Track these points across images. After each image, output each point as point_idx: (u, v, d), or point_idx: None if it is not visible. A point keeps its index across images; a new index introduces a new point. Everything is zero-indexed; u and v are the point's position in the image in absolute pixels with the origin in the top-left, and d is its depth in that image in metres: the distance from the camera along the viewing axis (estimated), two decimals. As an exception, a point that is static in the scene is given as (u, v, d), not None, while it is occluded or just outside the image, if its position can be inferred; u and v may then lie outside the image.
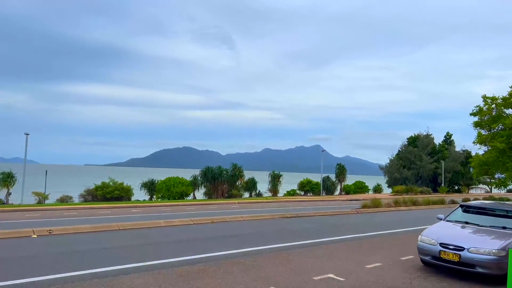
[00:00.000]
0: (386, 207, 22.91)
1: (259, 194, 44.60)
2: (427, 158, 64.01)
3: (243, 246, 10.53)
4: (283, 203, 29.23)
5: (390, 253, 10.46)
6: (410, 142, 68.53)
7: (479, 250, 8.15)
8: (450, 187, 62.65)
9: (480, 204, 10.53)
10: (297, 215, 17.62)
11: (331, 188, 47.84)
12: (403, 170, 64.63)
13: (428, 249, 8.84)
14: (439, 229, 9.56)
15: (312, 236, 12.50)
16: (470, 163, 14.30)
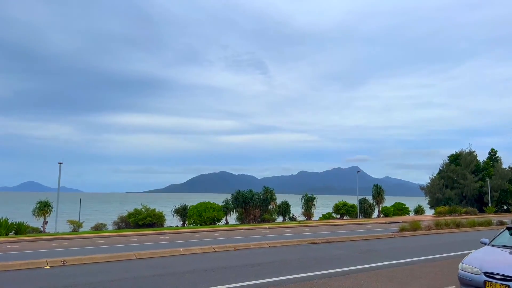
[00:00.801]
0: (426, 229, 21.26)
1: (293, 218, 43.29)
2: (471, 177, 60.39)
3: (263, 277, 9.74)
4: (316, 227, 27.99)
5: (427, 283, 9.33)
6: (452, 160, 65.11)
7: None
8: (498, 207, 58.52)
9: (526, 225, 9.25)
10: (327, 241, 16.55)
11: (369, 211, 45.70)
12: (445, 190, 61.21)
13: (471, 279, 7.72)
14: (483, 255, 8.40)
15: (341, 264, 11.49)
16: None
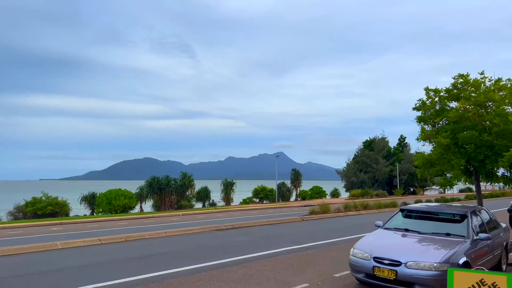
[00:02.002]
0: (335, 212, 21.58)
1: (213, 204, 42.51)
2: (383, 161, 64.35)
3: (145, 271, 8.55)
4: (231, 212, 27.34)
5: (323, 269, 8.85)
6: (366, 146, 68.78)
7: (418, 265, 6.64)
8: (406, 189, 63.17)
9: (422, 207, 9.15)
10: (233, 227, 15.80)
11: (286, 194, 46.49)
12: (359, 174, 64.57)
13: (361, 265, 7.26)
14: (375, 239, 8.03)
15: (240, 252, 10.72)
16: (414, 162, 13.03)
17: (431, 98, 12.33)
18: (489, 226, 8.67)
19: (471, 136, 10.65)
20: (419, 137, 12.22)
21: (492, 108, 11.28)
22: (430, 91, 12.28)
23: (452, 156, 11.24)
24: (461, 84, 11.72)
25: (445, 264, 6.51)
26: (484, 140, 10.65)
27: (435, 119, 11.86)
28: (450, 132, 11.15)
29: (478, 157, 10.86)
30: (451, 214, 8.35)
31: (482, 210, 9.04)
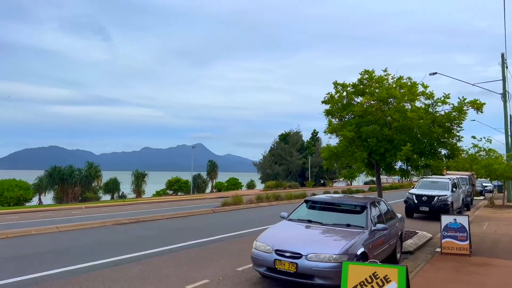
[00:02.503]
0: (248, 203, 21.57)
1: (123, 196, 40.31)
2: (297, 154, 66.78)
3: (23, 273, 7.43)
4: (140, 205, 26.00)
5: (227, 263, 8.48)
6: (282, 139, 70.80)
7: (318, 257, 6.53)
8: (317, 181, 66.36)
9: (326, 199, 9.21)
10: (137, 220, 14.84)
11: (202, 186, 45.90)
12: (274, 166, 66.29)
13: (263, 258, 6.98)
14: (278, 231, 7.84)
15: (141, 248, 9.93)
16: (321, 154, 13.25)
17: (339, 92, 12.59)
18: (387, 216, 9.01)
19: (374, 130, 11.04)
20: (326, 130, 12.43)
21: (393, 104, 11.84)
22: (338, 85, 12.52)
23: (356, 149, 11.59)
24: (366, 80, 12.13)
25: (344, 256, 6.50)
26: (385, 135, 11.11)
27: (342, 113, 12.12)
28: (355, 126, 11.46)
29: (379, 150, 11.33)
30: (352, 205, 8.48)
31: (381, 202, 9.38)
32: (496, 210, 22.24)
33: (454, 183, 19.67)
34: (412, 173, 12.17)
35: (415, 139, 11.01)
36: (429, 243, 11.63)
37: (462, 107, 10.78)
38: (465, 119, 10.88)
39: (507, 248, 10.60)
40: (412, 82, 11.72)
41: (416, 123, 10.80)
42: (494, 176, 25.81)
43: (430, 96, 11.32)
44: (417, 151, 10.97)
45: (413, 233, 12.58)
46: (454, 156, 11.57)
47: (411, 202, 18.13)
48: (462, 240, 9.59)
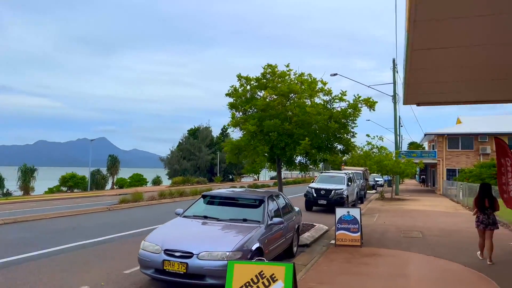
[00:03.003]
0: (149, 200, 20.48)
1: (8, 193, 35.89)
2: (206, 150, 66.15)
3: None
4: (26, 203, 23.22)
5: (114, 266, 7.66)
6: (191, 134, 69.57)
7: (211, 255, 6.13)
8: (225, 177, 66.52)
9: (223, 193, 8.86)
10: (15, 220, 13.01)
11: (101, 183, 42.88)
12: (183, 162, 64.89)
13: (150, 260, 6.36)
14: (170, 229, 7.28)
15: (10, 253, 8.57)
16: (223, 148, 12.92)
17: (243, 86, 12.38)
18: (284, 210, 8.97)
19: (275, 124, 11.02)
20: (230, 124, 12.14)
21: (294, 99, 11.97)
22: (242, 78, 12.30)
23: (258, 143, 11.48)
24: (269, 74, 12.08)
25: (238, 252, 6.19)
26: (285, 129, 11.16)
27: (245, 107, 11.91)
28: (257, 120, 11.33)
29: (280, 144, 11.36)
30: (249, 199, 8.26)
31: (279, 195, 9.33)
32: (386, 203, 24.20)
33: (350, 178, 20.87)
34: (311, 167, 12.46)
35: (314, 134, 11.23)
36: (326, 235, 11.99)
37: (357, 104, 11.26)
38: (359, 116, 11.39)
39: (393, 238, 11.34)
40: (312, 79, 11.94)
41: (314, 118, 11.01)
42: (385, 171, 28.13)
43: (328, 92, 11.64)
44: (315, 145, 11.20)
45: (311, 225, 12.90)
46: (349, 151, 12.08)
47: (310, 196, 18.78)
48: (354, 232, 9.98)
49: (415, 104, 11.06)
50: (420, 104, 11.01)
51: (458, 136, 38.35)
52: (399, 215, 17.21)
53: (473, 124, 39.93)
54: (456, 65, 6.95)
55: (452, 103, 10.86)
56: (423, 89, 9.16)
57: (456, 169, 37.16)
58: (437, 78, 8.01)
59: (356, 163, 37.05)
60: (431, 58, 6.55)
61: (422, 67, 7.12)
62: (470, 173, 31.05)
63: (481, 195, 8.56)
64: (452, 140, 38.52)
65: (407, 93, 9.48)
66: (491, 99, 10.44)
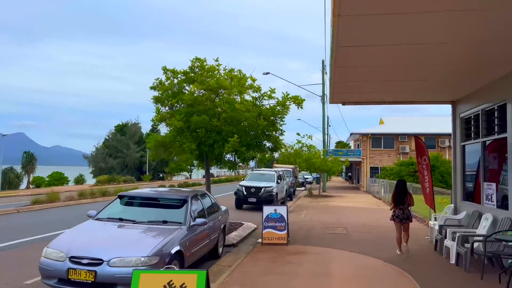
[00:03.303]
0: (67, 201, 18.92)
1: None
2: (134, 147, 63.42)
3: None
4: None
5: (12, 276, 6.75)
6: (118, 130, 66.29)
7: (123, 261, 5.56)
8: (155, 175, 64.33)
9: (143, 193, 8.27)
10: None
11: (15, 182, 39.18)
12: (109, 159, 61.59)
13: (53, 268, 5.62)
14: (78, 233, 6.55)
15: None
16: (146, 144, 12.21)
17: (170, 79, 11.78)
18: (210, 210, 8.61)
19: (203, 120, 10.59)
20: (154, 119, 11.48)
21: (224, 95, 11.63)
22: (168, 71, 11.70)
23: (185, 139, 10.97)
24: (198, 68, 11.62)
25: (155, 257, 5.70)
26: (214, 125, 10.78)
27: (171, 101, 11.33)
28: (184, 115, 10.82)
29: (208, 141, 10.95)
30: (171, 199, 7.78)
31: (204, 194, 8.93)
32: (313, 200, 24.82)
33: (280, 175, 21.04)
34: (240, 165, 12.22)
35: (243, 131, 10.97)
36: (254, 234, 11.82)
37: (286, 102, 11.20)
38: (287, 114, 11.35)
39: (319, 234, 11.46)
40: (242, 75, 11.68)
41: (243, 115, 10.76)
42: (313, 169, 28.89)
43: (258, 89, 11.46)
44: (244, 143, 10.95)
45: (239, 224, 12.67)
46: (277, 149, 12.01)
47: (240, 194, 18.60)
48: (281, 230, 9.88)
49: (341, 103, 11.28)
50: (346, 103, 11.24)
51: (380, 136, 40.67)
52: (326, 212, 17.64)
53: (395, 124, 42.62)
54: (379, 64, 7.06)
55: (375, 102, 11.23)
56: (348, 88, 9.30)
57: (379, 167, 39.38)
58: (360, 77, 8.13)
59: (286, 161, 37.75)
60: (355, 55, 6.57)
61: (347, 65, 7.14)
62: (391, 171, 33.03)
63: (397, 191, 8.96)
64: (375, 139, 40.75)
65: (333, 91, 9.58)
66: (412, 100, 10.95)
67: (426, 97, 10.59)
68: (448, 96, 10.15)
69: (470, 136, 9.62)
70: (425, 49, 6.06)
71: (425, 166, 10.95)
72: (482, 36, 5.46)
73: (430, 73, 7.65)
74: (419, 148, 11.53)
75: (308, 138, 30.83)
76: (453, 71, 7.46)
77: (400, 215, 8.79)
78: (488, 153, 8.63)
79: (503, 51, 6.11)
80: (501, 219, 7.37)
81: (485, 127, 8.70)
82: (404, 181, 9.30)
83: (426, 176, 10.92)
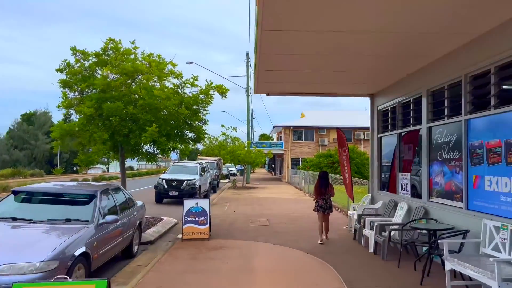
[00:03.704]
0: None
1: None
2: (44, 138, 58.17)
3: None
4: None
5: None
6: (25, 120, 60.34)
7: (14, 268, 4.69)
8: (68, 168, 59.75)
9: (44, 188, 7.25)
10: None
11: None
12: (14, 151, 55.81)
13: None
14: None
15: None
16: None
17: (79, 61, 10.61)
18: (123, 206, 7.86)
19: (117, 107, 9.67)
20: (61, 105, 10.25)
21: (141, 80, 10.78)
22: (78, 52, 10.53)
23: (96, 128, 9.95)
24: (112, 50, 10.60)
25: (53, 262, 4.91)
26: (129, 113, 9.92)
27: (81, 85, 10.21)
28: (95, 102, 9.78)
29: (122, 131, 10.05)
30: (77, 195, 6.92)
31: (117, 189, 8.14)
32: (237, 191, 24.69)
33: (203, 168, 20.49)
34: (160, 157, 11.48)
35: (162, 120, 10.25)
36: (174, 229, 11.22)
37: (209, 90, 10.70)
38: (211, 103, 10.85)
39: (242, 227, 11.20)
40: (161, 59, 10.90)
41: (163, 103, 10.04)
42: (237, 161, 28.76)
43: (179, 76, 10.79)
44: (164, 133, 10.25)
45: (159, 219, 11.97)
46: (200, 140, 11.48)
47: (161, 187, 17.75)
48: (202, 224, 9.43)
49: (265, 93, 11.07)
50: (270, 93, 11.05)
51: (302, 129, 41.91)
52: (249, 204, 17.52)
53: (315, 118, 44.20)
54: (302, 52, 6.88)
55: (298, 94, 11.21)
56: (272, 77, 9.08)
57: (300, 158, 40.58)
58: (284, 65, 7.93)
59: (211, 153, 37.21)
60: (279, 42, 6.30)
61: (271, 52, 6.86)
62: (311, 162, 34.15)
63: (320, 182, 9.12)
64: (296, 132, 41.90)
65: (258, 80, 9.30)
66: (333, 92, 11.09)
67: (347, 89, 10.79)
68: (367, 89, 10.42)
69: (387, 128, 9.98)
70: (347, 37, 5.96)
71: (345, 157, 11.20)
72: (403, 27, 5.48)
73: (351, 64, 7.68)
74: (340, 140, 11.78)
75: (233, 130, 30.61)
76: (373, 62, 7.56)
77: (323, 205, 8.95)
78: (403, 144, 8.98)
79: (422, 44, 6.25)
80: (415, 207, 7.68)
81: (401, 119, 9.04)
82: (326, 172, 9.58)
83: (346, 167, 11.18)
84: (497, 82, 5.50)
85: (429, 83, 7.43)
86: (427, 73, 7.53)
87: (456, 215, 6.32)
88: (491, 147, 5.49)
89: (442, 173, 6.95)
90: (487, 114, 5.65)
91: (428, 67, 7.47)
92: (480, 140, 5.80)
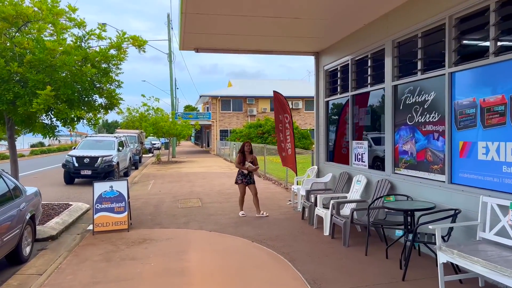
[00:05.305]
0: None
1: None
2: None
3: None
4: None
5: None
6: None
7: None
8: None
9: None
10: None
11: None
12: None
13: None
14: None
15: None
16: None
17: None
18: (3, 197, 5.73)
19: (-5, 65, 7.18)
20: None
21: (30, 30, 8.26)
22: None
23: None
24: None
25: None
26: (13, 72, 7.47)
27: None
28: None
29: (6, 96, 7.57)
30: None
31: (-4, 174, 5.94)
32: (162, 167, 22.61)
33: (121, 142, 18.09)
34: (60, 130, 9.13)
35: (61, 81, 7.91)
36: (84, 218, 9.20)
37: (122, 43, 8.51)
38: (125, 60, 8.69)
39: (170, 210, 9.49)
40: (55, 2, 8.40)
41: (60, 59, 7.70)
42: (161, 133, 26.46)
43: (81, 24, 8.43)
44: (64, 98, 7.94)
45: (66, 206, 9.78)
46: (113, 106, 9.28)
47: (70, 166, 15.15)
48: (120, 212, 7.56)
49: (194, 49, 9.20)
50: (199, 50, 9.21)
51: (229, 98, 40.23)
52: (176, 180, 15.72)
53: (243, 87, 42.69)
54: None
55: (233, 50, 9.48)
56: (202, 25, 7.25)
57: (228, 129, 39.10)
58: (218, 7, 6.15)
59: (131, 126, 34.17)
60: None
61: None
62: (240, 133, 32.86)
63: (244, 152, 8.56)
64: (224, 102, 40.15)
65: (184, 31, 7.41)
66: (273, 49, 9.50)
67: (289, 46, 9.27)
68: (313, 45, 9.03)
69: (336, 91, 8.73)
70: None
71: (288, 124, 9.85)
72: None
73: (299, 9, 6.15)
74: (280, 105, 10.36)
75: (155, 100, 28.07)
76: (323, 8, 6.10)
77: (247, 177, 8.46)
78: (358, 108, 7.79)
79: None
80: (377, 181, 6.55)
81: (354, 79, 7.80)
82: (249, 142, 8.80)
83: (289, 136, 9.85)
84: (498, 22, 4.32)
85: (396, 33, 6.17)
86: (393, 19, 6.25)
87: (436, 190, 5.24)
88: (490, 105, 4.36)
89: (414, 139, 5.82)
90: (483, 64, 4.48)
91: (394, 12, 6.20)
92: (471, 98, 4.66)
